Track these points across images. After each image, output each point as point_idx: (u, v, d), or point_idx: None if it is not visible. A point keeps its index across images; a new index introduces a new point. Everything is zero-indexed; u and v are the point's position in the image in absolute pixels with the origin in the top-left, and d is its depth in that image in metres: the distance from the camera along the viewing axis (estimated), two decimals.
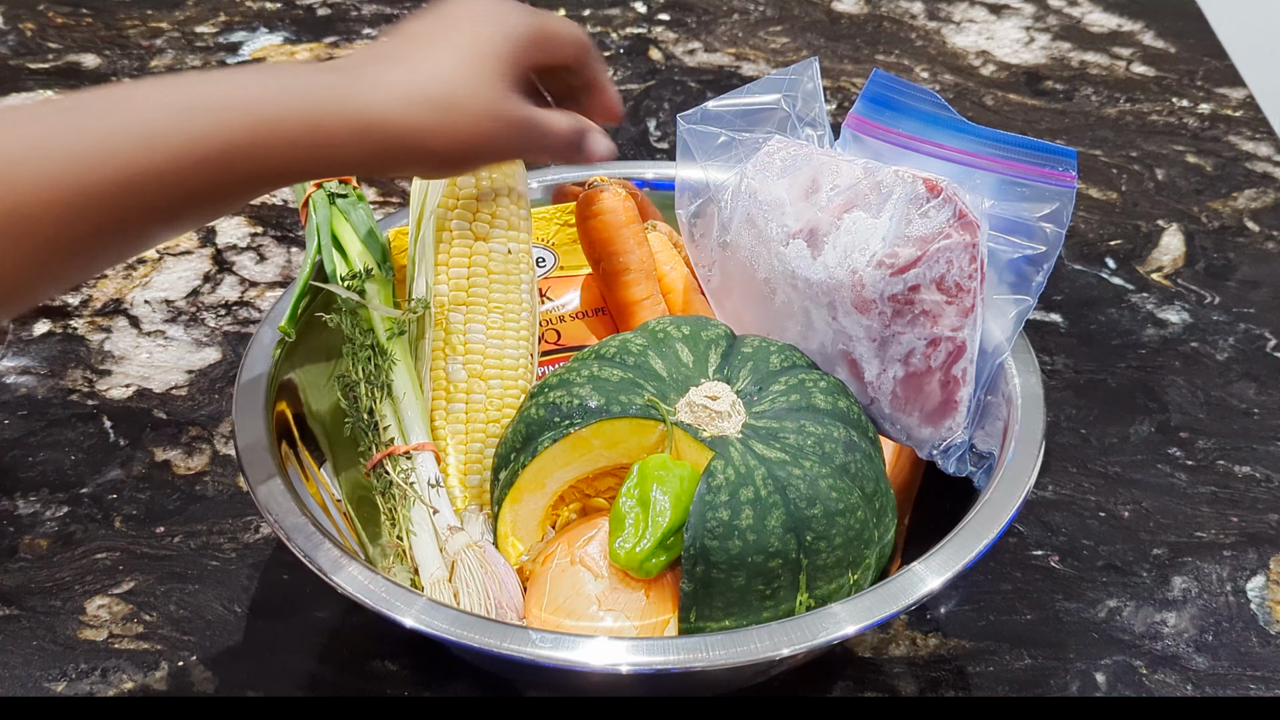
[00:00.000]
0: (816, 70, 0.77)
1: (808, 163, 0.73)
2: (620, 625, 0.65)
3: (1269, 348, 0.96)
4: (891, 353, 0.70)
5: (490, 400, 0.73)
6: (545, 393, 0.69)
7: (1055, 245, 0.70)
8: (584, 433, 0.67)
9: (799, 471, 0.64)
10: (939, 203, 0.68)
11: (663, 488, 0.64)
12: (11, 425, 0.89)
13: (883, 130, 0.74)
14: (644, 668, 0.60)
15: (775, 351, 0.70)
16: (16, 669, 0.74)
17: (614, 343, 0.71)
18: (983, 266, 0.68)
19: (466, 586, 0.66)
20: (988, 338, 0.71)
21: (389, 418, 0.72)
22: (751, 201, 0.74)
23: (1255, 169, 1.14)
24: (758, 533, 0.62)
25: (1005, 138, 0.72)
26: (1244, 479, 0.86)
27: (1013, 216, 0.71)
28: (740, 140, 0.77)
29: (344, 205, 0.78)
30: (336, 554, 0.64)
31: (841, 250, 0.70)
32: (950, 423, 0.70)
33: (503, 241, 0.75)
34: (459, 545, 0.68)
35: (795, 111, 0.77)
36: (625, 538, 0.64)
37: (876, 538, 0.66)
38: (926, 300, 0.68)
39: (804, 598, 0.64)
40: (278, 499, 0.67)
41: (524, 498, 0.69)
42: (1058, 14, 1.36)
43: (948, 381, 0.70)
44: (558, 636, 0.61)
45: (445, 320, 0.74)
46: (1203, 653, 0.76)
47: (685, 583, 0.63)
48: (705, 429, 0.66)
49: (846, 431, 0.67)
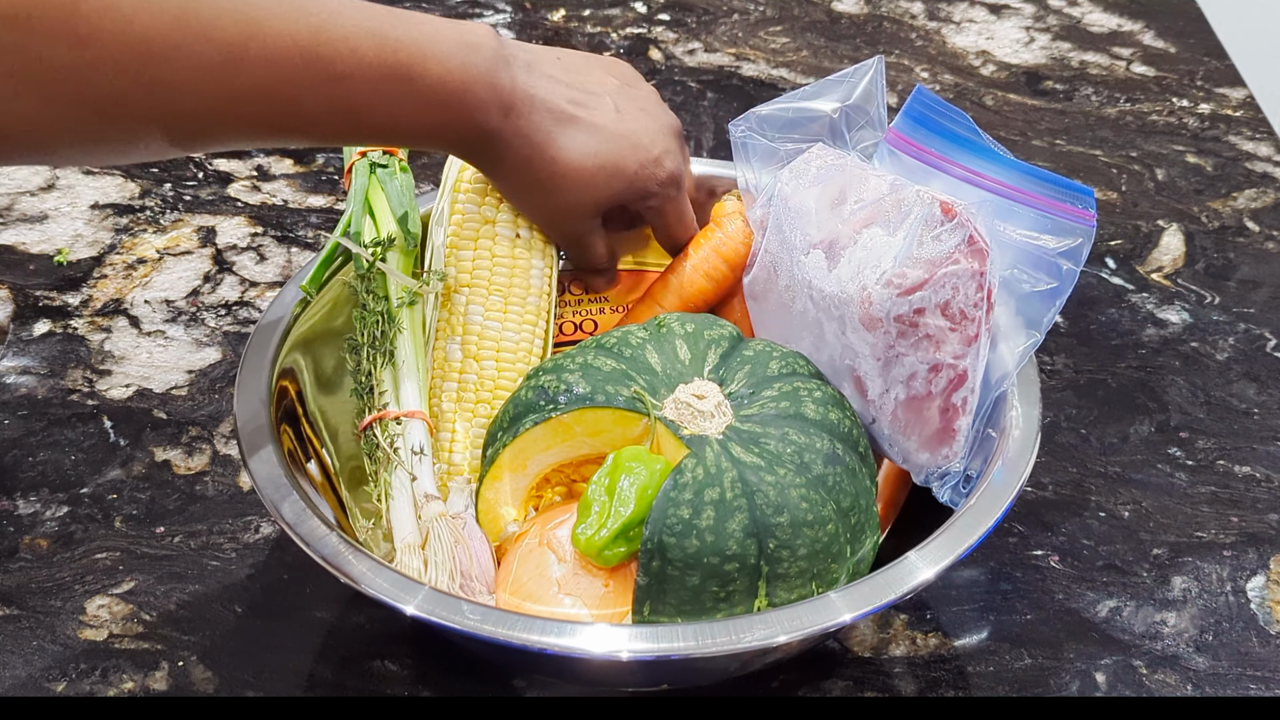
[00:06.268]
0: (881, 70, 0.76)
1: (840, 173, 0.73)
2: (576, 611, 0.65)
3: (1269, 348, 0.96)
4: (894, 373, 0.70)
5: (482, 381, 0.75)
6: (538, 376, 0.69)
7: (1069, 283, 0.69)
8: (566, 418, 0.67)
9: (771, 478, 0.64)
10: (952, 227, 0.67)
11: (631, 479, 0.64)
12: (11, 425, 0.89)
13: (917, 148, 0.74)
14: (609, 654, 0.60)
15: (777, 358, 0.70)
16: (16, 669, 0.74)
17: (617, 333, 0.71)
18: (989, 297, 0.68)
19: (435, 555, 0.67)
20: (992, 369, 0.70)
21: (386, 383, 0.73)
22: (783, 207, 0.74)
23: (1255, 169, 1.14)
24: (716, 534, 0.62)
25: (1030, 169, 0.71)
26: (1244, 479, 0.86)
27: (1033, 249, 0.70)
28: (785, 150, 0.77)
29: (382, 175, 0.79)
30: (319, 525, 0.65)
31: (855, 265, 0.70)
32: (947, 450, 0.69)
33: (510, 227, 0.76)
34: (432, 513, 0.69)
35: (849, 113, 0.76)
36: (588, 524, 0.65)
37: (848, 553, 0.65)
38: (930, 324, 0.67)
39: (762, 604, 0.63)
40: (265, 456, 0.69)
41: (505, 476, 0.69)
42: (1058, 14, 1.36)
43: (947, 408, 0.69)
44: (544, 623, 0.61)
45: (450, 300, 0.76)
46: (1203, 653, 0.76)
47: (641, 576, 0.63)
48: (686, 427, 0.66)
49: (831, 444, 0.66)
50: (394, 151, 0.81)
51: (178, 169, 1.11)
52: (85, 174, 1.10)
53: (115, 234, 1.04)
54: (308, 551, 0.64)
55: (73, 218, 1.06)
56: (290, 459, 0.70)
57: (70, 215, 1.06)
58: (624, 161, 0.73)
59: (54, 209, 1.07)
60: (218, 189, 1.09)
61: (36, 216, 1.06)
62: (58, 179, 1.10)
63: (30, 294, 0.99)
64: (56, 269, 1.01)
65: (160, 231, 1.05)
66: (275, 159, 1.13)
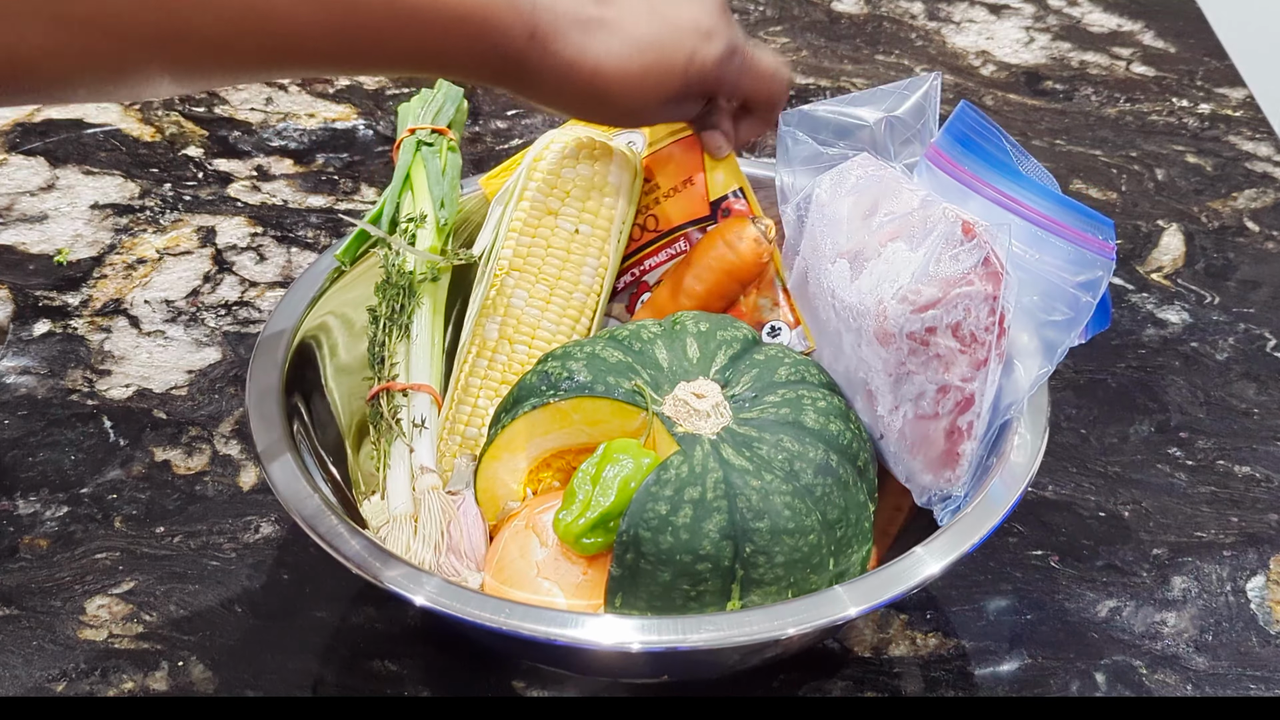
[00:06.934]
0: (937, 86, 0.75)
1: (877, 184, 0.72)
2: (552, 598, 0.65)
3: (1269, 348, 0.96)
4: (904, 391, 0.69)
5: (511, 363, 0.76)
6: (546, 361, 0.70)
7: (1085, 315, 0.69)
8: (564, 405, 0.68)
9: (757, 483, 0.64)
10: (970, 247, 0.66)
11: (616, 470, 0.65)
12: (11, 425, 0.89)
13: (953, 166, 0.73)
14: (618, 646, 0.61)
15: (788, 364, 0.70)
16: (16, 669, 0.74)
17: (631, 325, 0.72)
18: (1002, 321, 0.67)
19: (424, 527, 0.69)
20: (1002, 395, 0.69)
21: (399, 355, 0.75)
22: (819, 214, 0.74)
23: (1255, 169, 1.14)
24: (691, 533, 0.62)
25: (1059, 198, 0.70)
26: (1244, 479, 0.86)
27: (1055, 279, 0.69)
28: (829, 155, 0.76)
29: (426, 153, 0.80)
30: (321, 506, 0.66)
31: (876, 278, 0.69)
32: (950, 474, 0.69)
33: (572, 221, 0.78)
34: (425, 486, 0.70)
35: (894, 124, 0.75)
36: (569, 511, 0.65)
37: (830, 566, 0.65)
38: (941, 344, 0.67)
39: (735, 606, 0.63)
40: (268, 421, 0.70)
41: (503, 456, 0.70)
42: (1058, 14, 1.36)
43: (953, 431, 0.68)
44: (550, 613, 0.62)
45: (500, 281, 0.77)
46: (1203, 653, 0.76)
47: (614, 567, 0.64)
48: (681, 424, 0.66)
49: (826, 454, 0.66)
50: (443, 131, 0.81)
51: (178, 169, 1.11)
52: (85, 174, 1.10)
53: (115, 234, 1.04)
54: (299, 522, 0.64)
55: (73, 218, 1.06)
56: (295, 427, 0.72)
57: (70, 215, 1.06)
58: (671, 55, 0.68)
59: (54, 209, 1.07)
60: (218, 189, 1.09)
61: (36, 216, 1.06)
62: (58, 179, 1.10)
63: (30, 294, 0.99)
64: (56, 269, 1.01)
65: (160, 231, 1.05)
66: (275, 159, 1.13)
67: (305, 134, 1.16)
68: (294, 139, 1.15)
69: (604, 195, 0.78)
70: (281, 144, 1.14)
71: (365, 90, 1.22)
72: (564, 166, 0.78)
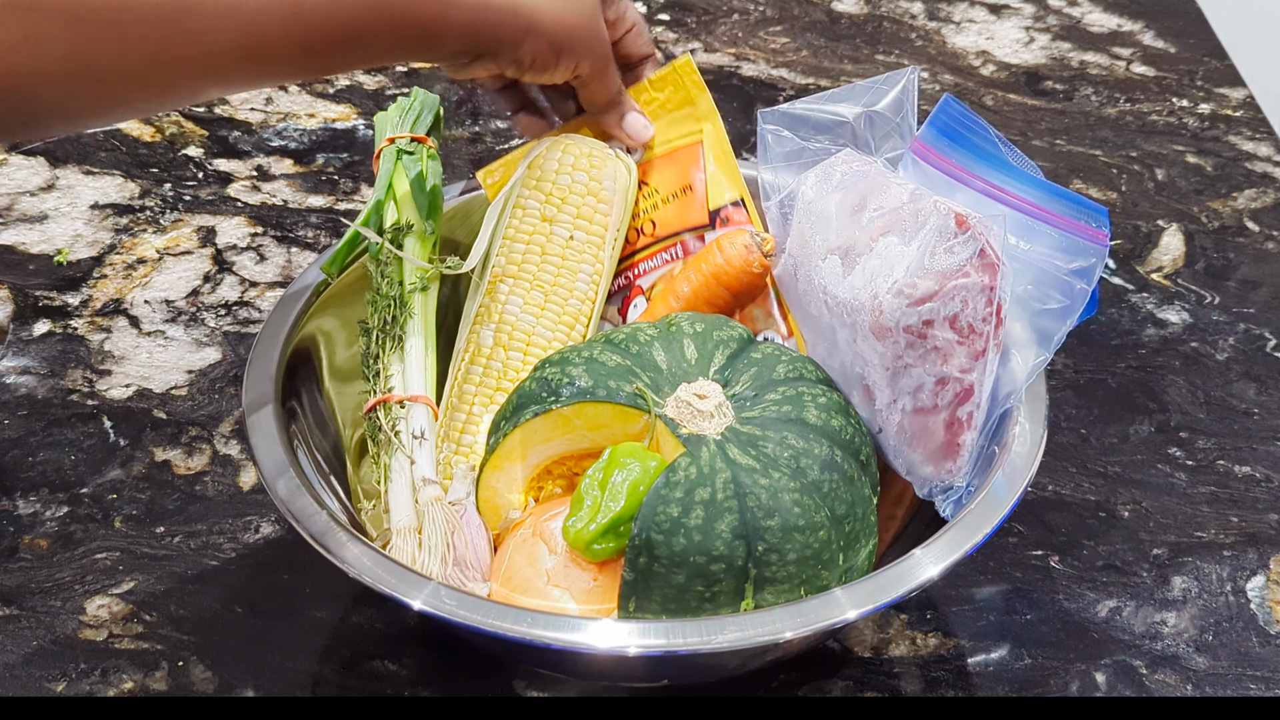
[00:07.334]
0: (914, 80, 0.75)
1: (864, 180, 0.73)
2: (564, 605, 0.65)
3: (1269, 348, 0.96)
4: (902, 384, 0.69)
5: (506, 370, 0.76)
6: (544, 368, 0.70)
7: (1080, 302, 0.69)
8: (566, 411, 0.68)
9: (765, 481, 0.64)
10: (965, 239, 0.66)
11: (624, 474, 0.65)
12: (11, 425, 0.89)
13: (939, 159, 0.73)
14: (615, 649, 0.60)
15: (785, 362, 0.70)
16: (16, 669, 0.74)
17: (626, 329, 0.72)
18: (999, 312, 0.67)
19: (429, 539, 0.68)
20: (1000, 385, 0.70)
21: (394, 367, 0.74)
22: (805, 211, 0.74)
23: (1255, 169, 1.14)
24: (704, 534, 0.62)
25: (1049, 186, 0.71)
26: (1244, 479, 0.86)
27: (1048, 268, 0.70)
28: (812, 149, 0.76)
29: (407, 162, 0.80)
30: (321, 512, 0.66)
31: (869, 273, 0.69)
32: (951, 465, 0.69)
33: (567, 228, 0.77)
34: (428, 497, 0.70)
35: (874, 119, 0.75)
36: (578, 518, 0.65)
37: (840, 561, 0.65)
38: (939, 337, 0.67)
39: (749, 606, 0.63)
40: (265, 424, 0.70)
41: (505, 465, 0.70)
42: (1058, 14, 1.36)
43: (953, 422, 0.68)
44: (548, 617, 0.62)
45: (494, 288, 0.77)
46: (1203, 653, 0.76)
47: (627, 571, 0.64)
48: (685, 425, 0.66)
49: (831, 450, 0.66)
50: (422, 139, 0.81)
51: (178, 169, 1.11)
52: (85, 174, 1.10)
53: (115, 234, 1.04)
54: (297, 527, 0.64)
55: (73, 218, 1.06)
56: (293, 438, 0.71)
57: (70, 215, 1.06)
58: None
59: (54, 209, 1.07)
60: (217, 189, 1.09)
61: (36, 216, 1.06)
62: (58, 179, 1.10)
63: (30, 294, 0.99)
64: (56, 269, 1.01)
65: (160, 231, 1.05)
66: (275, 159, 1.13)
67: (305, 134, 1.16)
68: (294, 139, 1.15)
69: (599, 202, 0.78)
70: (281, 144, 1.14)
71: (365, 90, 1.22)
72: (560, 173, 0.78)
